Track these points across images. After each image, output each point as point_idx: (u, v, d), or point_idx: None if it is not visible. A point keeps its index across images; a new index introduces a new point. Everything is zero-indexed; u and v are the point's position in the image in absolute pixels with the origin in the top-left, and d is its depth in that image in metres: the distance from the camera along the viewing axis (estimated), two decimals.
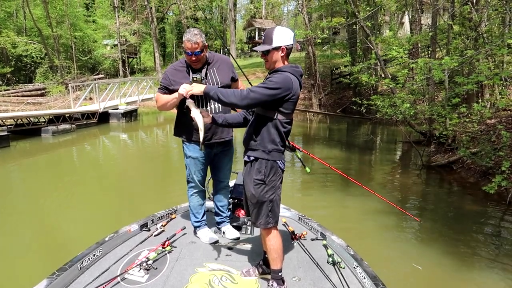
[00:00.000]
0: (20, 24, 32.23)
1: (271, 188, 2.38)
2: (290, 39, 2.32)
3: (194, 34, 2.79)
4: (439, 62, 6.59)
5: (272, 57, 2.33)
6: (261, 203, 2.38)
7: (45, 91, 25.97)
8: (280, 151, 2.39)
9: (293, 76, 2.29)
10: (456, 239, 4.84)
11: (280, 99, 2.23)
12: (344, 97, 21.71)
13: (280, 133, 2.35)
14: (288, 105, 2.29)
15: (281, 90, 2.21)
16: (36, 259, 4.30)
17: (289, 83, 2.23)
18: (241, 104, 2.22)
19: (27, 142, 11.76)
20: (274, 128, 2.33)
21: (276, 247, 2.42)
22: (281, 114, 2.30)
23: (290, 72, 2.30)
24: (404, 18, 25.51)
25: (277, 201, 2.43)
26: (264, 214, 2.39)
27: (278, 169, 2.40)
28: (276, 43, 2.29)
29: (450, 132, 8.05)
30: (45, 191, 7.01)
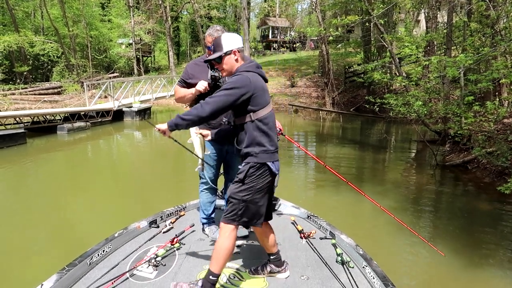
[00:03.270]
0: (38, 23, 32.85)
1: (248, 189, 2.29)
2: (239, 42, 2.34)
3: (216, 29, 2.89)
4: (453, 60, 6.46)
5: (226, 63, 2.33)
6: (233, 200, 2.32)
7: (61, 89, 26.40)
8: (269, 152, 2.31)
9: (249, 72, 2.27)
10: (470, 240, 4.75)
11: (244, 100, 2.20)
12: (358, 96, 21.52)
13: (264, 132, 2.29)
14: (255, 101, 2.24)
15: (239, 90, 2.18)
16: (49, 253, 4.37)
17: (245, 80, 2.20)
18: (205, 113, 2.17)
19: (43, 139, 11.96)
20: (256, 130, 2.28)
21: (221, 247, 2.29)
22: (254, 113, 2.26)
23: (245, 70, 2.28)
24: (420, 16, 25.11)
25: (254, 205, 2.33)
26: (233, 211, 2.31)
27: (265, 172, 2.31)
28: (227, 47, 2.30)
29: (466, 131, 7.90)
30: (60, 187, 7.13)
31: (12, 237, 4.81)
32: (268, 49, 43.08)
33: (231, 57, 2.32)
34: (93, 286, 2.41)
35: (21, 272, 3.93)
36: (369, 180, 7.56)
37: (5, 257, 4.24)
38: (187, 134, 2.63)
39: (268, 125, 2.31)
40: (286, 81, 25.34)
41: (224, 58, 2.32)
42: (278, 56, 33.72)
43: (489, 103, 6.46)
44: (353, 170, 8.45)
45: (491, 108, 6.47)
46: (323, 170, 8.13)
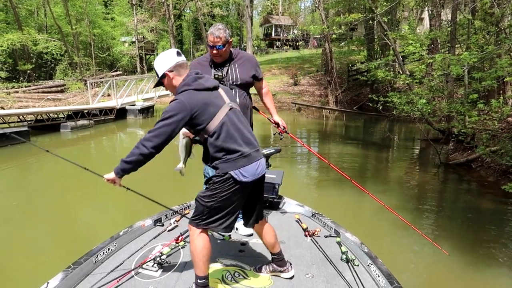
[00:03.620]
0: (41, 22, 32.97)
1: (212, 196, 2.23)
2: (169, 61, 2.29)
3: (218, 28, 2.84)
4: (457, 58, 6.43)
5: (167, 85, 2.34)
6: (197, 204, 2.30)
7: (64, 87, 26.50)
8: (229, 160, 2.20)
9: (184, 92, 2.20)
10: (473, 239, 4.75)
11: (185, 123, 2.16)
12: (361, 94, 21.48)
13: (218, 147, 2.21)
14: (199, 119, 2.17)
15: (175, 117, 2.11)
16: (53, 251, 4.39)
17: (179, 106, 2.13)
18: (147, 150, 2.15)
19: (47, 137, 12.00)
20: (211, 146, 2.22)
21: (195, 250, 2.27)
22: (203, 131, 2.20)
23: (182, 90, 2.22)
24: (423, 14, 25.03)
25: (219, 211, 2.26)
26: (198, 215, 2.29)
27: (228, 180, 2.20)
28: (160, 72, 2.30)
29: (469, 130, 7.87)
30: (63, 185, 7.15)
31: (16, 236, 4.83)
32: (271, 47, 43.06)
33: (166, 79, 2.31)
34: (99, 284, 2.42)
35: (26, 270, 3.95)
36: (372, 179, 7.55)
37: (9, 255, 4.26)
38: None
39: (221, 137, 2.19)
40: (289, 79, 25.31)
41: (164, 81, 2.32)
42: (281, 54, 33.68)
43: (494, 101, 6.43)
44: (356, 168, 8.43)
45: (495, 106, 6.44)
46: (326, 168, 8.13)
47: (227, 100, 2.29)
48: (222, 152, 2.20)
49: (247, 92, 3.12)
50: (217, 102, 2.23)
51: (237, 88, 3.00)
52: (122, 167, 2.24)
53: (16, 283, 3.69)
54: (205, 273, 2.28)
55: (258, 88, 3.29)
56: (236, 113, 2.31)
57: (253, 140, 2.33)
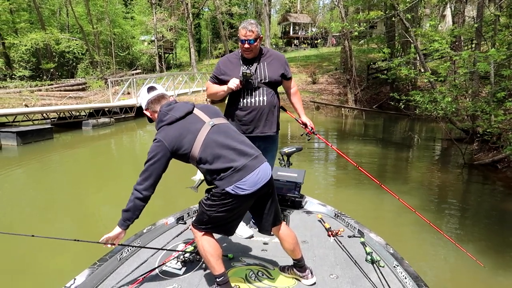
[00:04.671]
0: (63, 21, 33.66)
1: (212, 206, 2.19)
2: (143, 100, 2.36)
3: (250, 23, 2.84)
4: (484, 55, 6.24)
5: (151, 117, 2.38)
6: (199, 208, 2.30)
7: (85, 85, 26.98)
8: (222, 178, 2.12)
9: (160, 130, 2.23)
10: (500, 243, 4.61)
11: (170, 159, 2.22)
12: (380, 93, 21.19)
13: (209, 171, 2.16)
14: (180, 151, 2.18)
15: (158, 158, 2.16)
16: (77, 247, 4.45)
17: (158, 147, 2.17)
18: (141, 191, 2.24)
19: (69, 134, 12.24)
20: (203, 171, 2.22)
21: (202, 251, 2.27)
22: (191, 159, 2.20)
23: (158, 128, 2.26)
24: (446, 11, 24.51)
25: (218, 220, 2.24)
26: (199, 220, 2.29)
27: (226, 196, 2.14)
28: (144, 106, 2.38)
29: (495, 130, 7.65)
30: (86, 181, 7.27)
31: (40, 230, 4.92)
32: (289, 45, 42.91)
33: (148, 112, 2.37)
34: (124, 281, 2.43)
35: (51, 266, 4.02)
36: (393, 179, 7.42)
37: (34, 250, 4.34)
38: None
39: (208, 160, 2.13)
40: (307, 78, 25.17)
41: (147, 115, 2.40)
42: (300, 53, 33.50)
43: None
44: (376, 167, 8.31)
45: None
46: (346, 167, 8.03)
47: (206, 120, 2.23)
48: (214, 174, 2.14)
49: (275, 91, 3.08)
50: (195, 127, 2.19)
51: (264, 87, 2.97)
52: (124, 217, 2.29)
53: (41, 278, 3.76)
54: (220, 270, 2.25)
55: (286, 88, 3.25)
56: (220, 128, 2.23)
57: (249, 148, 2.22)
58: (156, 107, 2.30)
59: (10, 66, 27.93)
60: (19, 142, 9.97)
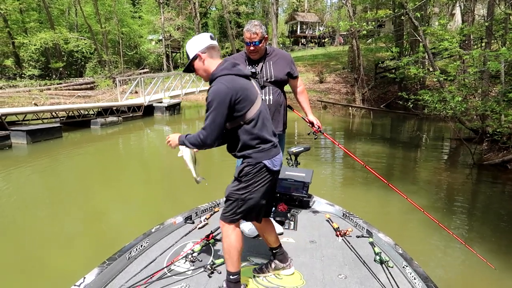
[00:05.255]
0: (72, 21, 33.92)
1: (246, 187, 2.22)
2: (203, 42, 2.22)
3: (254, 24, 2.86)
4: (495, 54, 6.17)
5: (197, 68, 2.27)
6: (231, 199, 2.26)
7: (94, 84, 27.19)
8: (264, 150, 2.21)
9: (224, 77, 2.14)
10: (510, 243, 4.55)
11: (229, 108, 2.09)
12: (388, 92, 21.06)
13: (254, 135, 2.19)
14: (240, 105, 2.11)
15: (221, 103, 2.06)
16: (86, 245, 4.49)
17: (222, 90, 2.06)
18: (206, 144, 2.14)
19: (78, 133, 12.34)
20: (246, 134, 2.18)
21: (227, 247, 2.26)
22: (241, 117, 2.14)
23: (221, 74, 2.15)
24: (455, 9, 24.27)
25: (253, 202, 2.26)
26: (232, 209, 2.25)
27: (262, 170, 2.22)
28: (191, 53, 2.24)
29: (506, 129, 7.57)
30: (94, 180, 7.33)
31: (50, 227, 4.97)
32: (296, 44, 42.81)
33: (197, 61, 2.24)
34: (133, 280, 2.44)
35: (60, 264, 4.05)
36: (401, 178, 7.37)
37: (44, 249, 4.38)
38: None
39: (258, 125, 2.19)
40: (314, 77, 25.09)
41: (194, 64, 2.26)
42: (307, 52, 33.41)
43: None
44: (384, 167, 8.25)
45: None
46: (353, 166, 7.99)
47: (259, 91, 2.31)
48: (257, 140, 2.20)
49: (281, 90, 3.09)
50: (255, 91, 2.25)
51: (270, 86, 2.98)
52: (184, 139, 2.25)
53: (51, 276, 3.79)
54: (237, 268, 2.29)
55: (293, 86, 3.25)
56: (265, 104, 2.35)
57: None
58: (215, 55, 2.27)
59: (20, 66, 28.23)
60: (29, 141, 10.07)
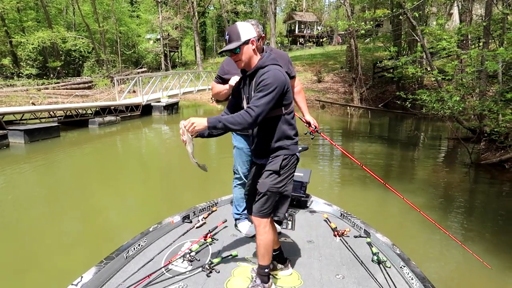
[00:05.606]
0: (70, 20, 33.84)
1: (283, 180, 2.28)
2: (254, 30, 2.24)
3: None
4: (493, 53, 6.19)
5: (245, 53, 2.17)
6: (269, 193, 2.25)
7: (91, 84, 27.12)
8: (296, 143, 2.33)
9: (277, 66, 2.19)
10: (507, 243, 4.57)
11: (280, 95, 2.14)
12: (386, 92, 21.09)
13: (292, 126, 2.29)
14: (288, 96, 2.20)
15: (279, 88, 2.10)
16: (83, 244, 4.48)
17: (281, 76, 2.12)
18: (253, 122, 2.06)
19: (76, 132, 12.31)
20: (286, 123, 2.25)
21: (266, 242, 2.29)
22: (285, 107, 2.22)
23: (271, 63, 2.18)
24: (452, 9, 24.34)
25: (287, 194, 2.34)
26: (270, 204, 2.27)
27: (294, 161, 2.33)
28: (244, 37, 2.14)
29: (503, 129, 7.59)
30: (92, 179, 7.31)
31: (47, 228, 4.96)
32: (294, 43, 42.80)
33: (249, 47, 2.17)
34: (130, 279, 2.44)
35: (58, 263, 4.04)
36: (399, 178, 7.39)
37: (41, 247, 4.38)
38: None
39: (294, 117, 2.34)
40: (312, 76, 25.09)
41: (243, 48, 2.15)
42: (305, 51, 33.43)
43: None
44: (381, 167, 8.27)
45: None
46: (350, 166, 8.00)
47: None
48: (294, 131, 2.31)
49: None
50: None
51: None
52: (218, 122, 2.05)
53: (50, 276, 3.78)
54: (270, 260, 2.37)
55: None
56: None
57: None
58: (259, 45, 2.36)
59: (18, 65, 28.11)
60: (27, 140, 10.03)
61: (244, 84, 2.32)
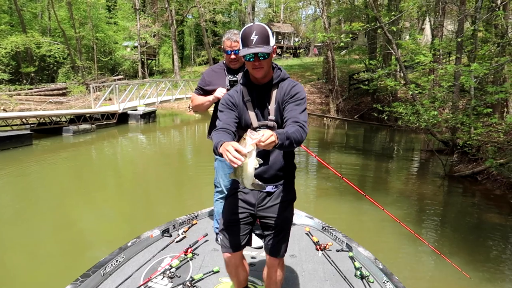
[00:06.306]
0: (45, 25, 33.02)
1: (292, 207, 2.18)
2: None
3: (234, 33, 2.88)
4: (468, 69, 6.41)
5: (268, 62, 1.91)
6: (286, 227, 2.13)
7: (66, 90, 26.51)
8: None
9: None
10: (483, 252, 4.69)
11: None
12: (361, 103, 21.48)
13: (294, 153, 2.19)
14: None
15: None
16: (58, 260, 4.32)
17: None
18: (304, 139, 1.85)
19: (49, 141, 11.94)
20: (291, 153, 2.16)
21: (282, 279, 2.21)
22: None
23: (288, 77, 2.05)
24: (424, 24, 25.17)
25: None
26: (288, 239, 2.16)
27: None
28: (272, 42, 1.88)
29: (475, 142, 7.83)
30: (66, 190, 7.09)
31: (19, 242, 4.76)
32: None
33: (272, 54, 1.89)
34: None
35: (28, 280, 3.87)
36: (376, 189, 7.48)
37: (14, 263, 4.20)
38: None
39: None
40: None
41: (272, 55, 1.88)
42: (283, 62, 33.76)
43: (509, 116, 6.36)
44: (358, 178, 8.37)
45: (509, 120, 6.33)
46: (329, 177, 8.06)
47: None
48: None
49: None
50: None
51: None
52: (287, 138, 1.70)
53: None
54: None
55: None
56: None
57: None
58: None
59: None
60: None
61: (252, 98, 2.00)
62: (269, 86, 1.99)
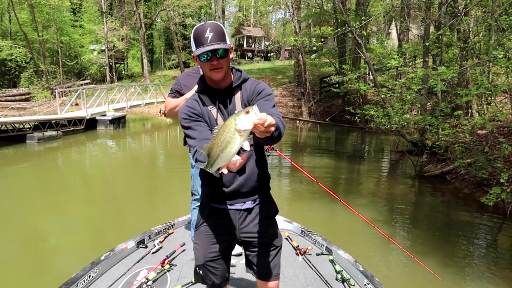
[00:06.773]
0: (5, 27, 31.69)
1: None
2: None
3: None
4: (437, 72, 6.61)
5: (227, 61, 1.72)
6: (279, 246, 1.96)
7: (29, 96, 25.50)
8: None
9: None
10: (454, 253, 4.79)
11: None
12: (333, 106, 21.79)
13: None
14: None
15: None
16: (25, 277, 4.08)
17: None
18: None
19: (11, 149, 11.41)
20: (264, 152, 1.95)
21: None
22: None
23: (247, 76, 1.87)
24: (391, 28, 25.87)
25: None
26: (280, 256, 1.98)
27: None
28: (229, 41, 1.73)
29: (443, 142, 8.07)
30: (31, 202, 6.74)
31: None
32: (243, 58, 43.19)
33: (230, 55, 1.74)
34: None
35: None
36: (349, 192, 7.57)
37: None
38: None
39: None
40: None
41: (230, 53, 1.72)
42: (254, 65, 33.83)
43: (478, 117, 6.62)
44: (332, 181, 8.44)
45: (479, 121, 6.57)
46: (302, 181, 8.07)
47: None
48: None
49: None
50: None
51: None
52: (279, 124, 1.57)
53: None
54: None
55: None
56: None
57: None
58: None
59: None
60: None
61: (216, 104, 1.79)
62: (231, 89, 1.79)
